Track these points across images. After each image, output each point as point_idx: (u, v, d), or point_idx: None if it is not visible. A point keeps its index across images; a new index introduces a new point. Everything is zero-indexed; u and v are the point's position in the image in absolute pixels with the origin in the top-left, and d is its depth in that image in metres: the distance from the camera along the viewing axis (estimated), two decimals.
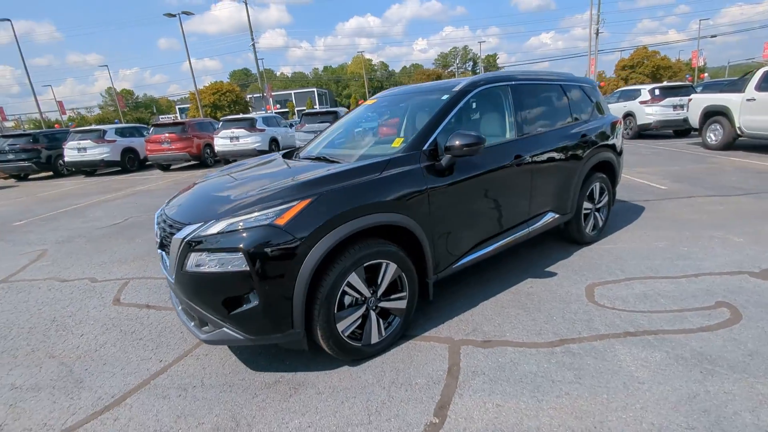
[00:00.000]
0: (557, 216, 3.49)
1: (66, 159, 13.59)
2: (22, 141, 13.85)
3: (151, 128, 13.80)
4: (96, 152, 13.30)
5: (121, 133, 14.22)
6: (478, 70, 65.56)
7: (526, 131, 3.17)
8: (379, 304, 2.39)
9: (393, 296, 2.45)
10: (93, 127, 15.08)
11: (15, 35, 30.66)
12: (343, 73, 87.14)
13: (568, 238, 3.92)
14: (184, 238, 2.09)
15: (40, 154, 13.84)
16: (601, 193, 3.94)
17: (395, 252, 2.36)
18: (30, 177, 14.65)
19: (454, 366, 2.28)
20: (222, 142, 12.86)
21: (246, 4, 34.99)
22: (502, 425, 1.83)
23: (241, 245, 1.95)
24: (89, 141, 13.29)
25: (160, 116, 63.38)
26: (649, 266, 3.35)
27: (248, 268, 1.95)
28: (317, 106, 59.97)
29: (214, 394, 2.20)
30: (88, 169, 13.91)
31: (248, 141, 12.66)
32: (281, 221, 2.01)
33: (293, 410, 2.03)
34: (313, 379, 2.26)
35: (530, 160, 3.09)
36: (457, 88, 2.91)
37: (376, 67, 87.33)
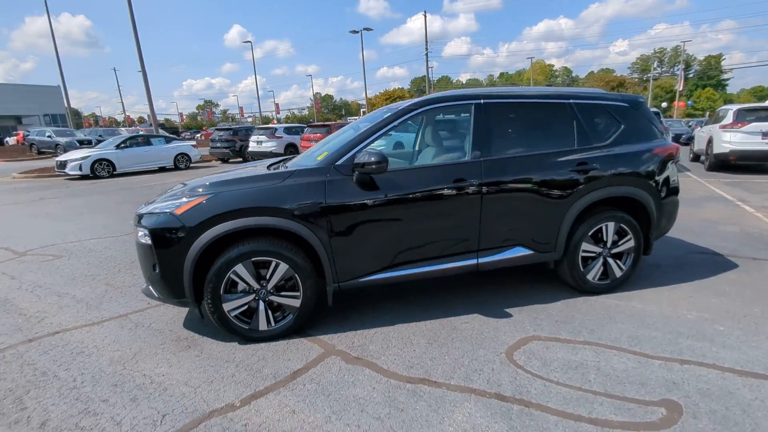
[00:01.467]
0: (530, 253, 3.03)
1: (249, 149, 17.47)
2: (226, 133, 18.45)
3: (306, 128, 16.45)
4: (268, 145, 16.67)
5: (288, 131, 17.41)
6: (689, 75, 53.40)
7: (486, 154, 2.87)
8: (270, 298, 2.69)
9: (285, 293, 2.70)
10: (269, 125, 18.82)
11: (252, 54, 40.36)
12: (520, 79, 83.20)
13: (564, 282, 3.31)
14: (137, 213, 2.84)
15: (235, 144, 18.14)
16: (621, 236, 3.16)
17: (286, 254, 2.61)
18: (229, 160, 19.33)
19: (304, 369, 2.41)
20: None
21: (425, 18, 37.51)
22: (274, 426, 1.95)
23: (149, 225, 2.57)
24: (264, 136, 16.76)
25: (349, 117, 73.48)
26: (635, 336, 2.62)
27: (151, 243, 2.55)
28: None
29: (146, 335, 2.90)
30: (262, 158, 17.52)
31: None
32: (179, 212, 2.54)
33: (169, 361, 2.55)
34: (206, 344, 2.73)
35: (478, 186, 2.81)
36: (402, 107, 2.90)
37: (557, 73, 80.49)
